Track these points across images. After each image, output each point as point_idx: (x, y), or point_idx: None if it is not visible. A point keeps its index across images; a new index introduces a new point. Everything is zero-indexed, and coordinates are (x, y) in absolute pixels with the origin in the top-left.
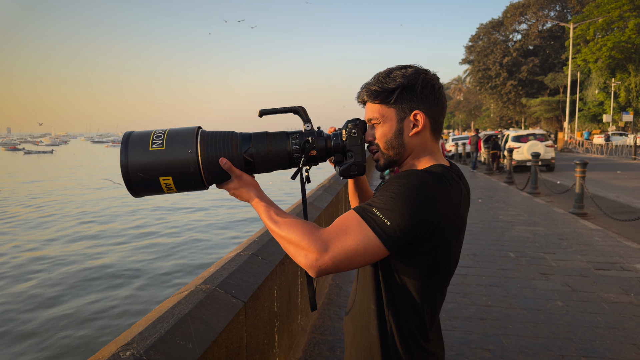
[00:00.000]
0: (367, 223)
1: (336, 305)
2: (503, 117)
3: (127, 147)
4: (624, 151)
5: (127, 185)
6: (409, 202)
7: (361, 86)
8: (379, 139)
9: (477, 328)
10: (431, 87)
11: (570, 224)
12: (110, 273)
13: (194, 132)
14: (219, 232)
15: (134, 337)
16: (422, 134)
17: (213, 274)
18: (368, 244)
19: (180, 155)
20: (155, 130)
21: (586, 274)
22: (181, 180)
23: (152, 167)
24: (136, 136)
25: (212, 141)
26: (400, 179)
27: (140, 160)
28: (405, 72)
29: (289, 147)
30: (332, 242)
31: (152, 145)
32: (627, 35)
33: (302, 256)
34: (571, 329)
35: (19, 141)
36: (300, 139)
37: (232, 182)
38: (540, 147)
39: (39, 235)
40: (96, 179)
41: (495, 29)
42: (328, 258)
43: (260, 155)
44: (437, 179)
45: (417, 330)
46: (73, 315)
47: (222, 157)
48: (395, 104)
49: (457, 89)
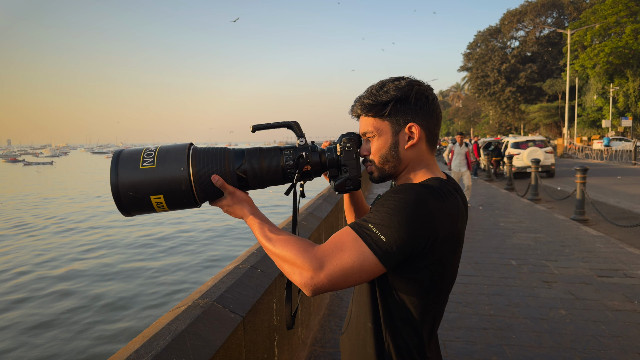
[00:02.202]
0: (363, 239)
1: (337, 317)
2: (502, 124)
3: (117, 166)
4: (624, 156)
5: (117, 205)
6: (406, 217)
7: (355, 99)
8: (374, 153)
9: (480, 338)
10: (425, 98)
11: (571, 230)
12: (106, 287)
13: (185, 149)
14: (217, 242)
15: (129, 355)
16: (417, 146)
17: (211, 287)
18: (364, 261)
19: (171, 173)
20: (146, 147)
21: (589, 281)
22: (173, 198)
23: (143, 186)
24: (126, 154)
25: (204, 158)
26: (397, 193)
27: (130, 178)
28: (398, 84)
29: (283, 162)
30: (328, 260)
31: (142, 163)
32: (624, 41)
33: (297, 274)
34: (575, 338)
35: (19, 152)
36: (293, 154)
37: (225, 199)
38: (540, 154)
39: (29, 247)
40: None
41: (493, 36)
42: (324, 276)
43: (253, 171)
44: (434, 193)
45: (414, 349)
46: (66, 332)
47: (215, 174)
48: (389, 117)
49: (455, 96)
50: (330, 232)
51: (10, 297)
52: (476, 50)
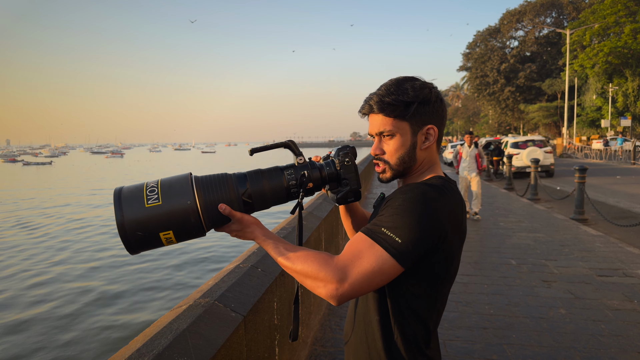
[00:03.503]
0: (379, 244)
1: (337, 316)
2: (501, 124)
3: (122, 206)
4: (623, 156)
5: (125, 245)
6: (416, 216)
7: (368, 98)
8: (392, 153)
9: (479, 337)
10: (441, 101)
11: (571, 230)
12: (106, 287)
13: (187, 180)
14: (217, 243)
15: (131, 354)
16: (431, 147)
17: (212, 287)
18: (383, 264)
19: (179, 207)
20: (146, 182)
21: (588, 280)
22: (182, 231)
23: (152, 224)
24: (128, 192)
25: (208, 187)
26: (403, 194)
27: (137, 218)
28: (415, 84)
29: (286, 182)
30: (349, 269)
31: (147, 201)
32: (623, 41)
33: (322, 288)
34: (575, 337)
35: (18, 152)
36: (295, 173)
37: (233, 224)
38: (539, 153)
39: (28, 248)
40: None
41: (492, 36)
42: (348, 285)
43: (258, 194)
44: (438, 190)
45: (421, 339)
46: (67, 332)
47: (221, 203)
48: (410, 118)
49: (455, 96)
50: (330, 232)
51: (8, 294)
52: (475, 50)
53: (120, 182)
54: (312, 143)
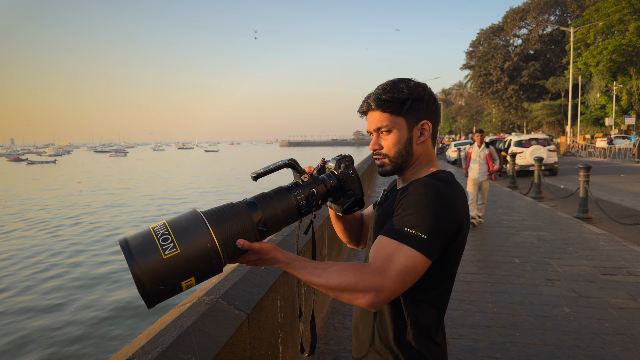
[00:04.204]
0: (407, 244)
1: (340, 314)
2: (505, 122)
3: (136, 261)
4: (627, 154)
5: (146, 301)
6: (435, 211)
7: (366, 97)
8: (390, 147)
9: (483, 336)
10: (434, 100)
11: (575, 228)
12: (109, 284)
13: (199, 218)
14: None
15: (135, 352)
16: (426, 142)
17: (215, 285)
18: (415, 262)
19: (199, 251)
20: (153, 228)
21: (592, 279)
22: (203, 274)
23: (173, 276)
24: (138, 244)
25: (223, 223)
26: (416, 191)
27: (158, 273)
28: (409, 84)
29: (295, 202)
30: (384, 275)
31: (164, 251)
32: (627, 39)
33: (361, 298)
34: (579, 336)
35: (23, 151)
36: (303, 191)
37: (251, 255)
38: (543, 152)
39: (31, 242)
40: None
41: (495, 34)
42: (386, 291)
43: (272, 220)
44: (448, 184)
45: (433, 326)
46: (71, 329)
47: (239, 239)
48: (405, 114)
49: (458, 95)
50: (333, 231)
51: (9, 292)
52: (479, 49)
53: (130, 180)
54: (315, 142)
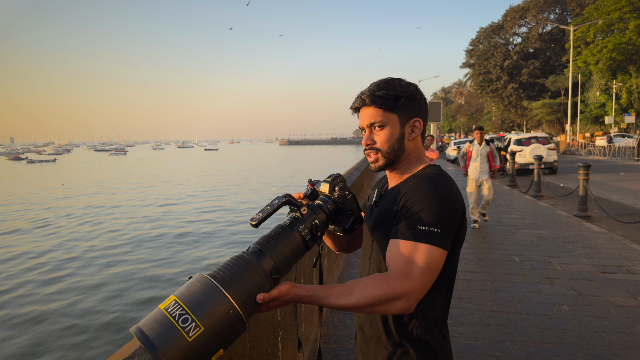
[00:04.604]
0: (423, 241)
1: (340, 313)
2: (505, 120)
3: (160, 351)
4: (627, 153)
5: None
6: (440, 203)
7: (360, 94)
8: (383, 142)
9: (482, 334)
10: (424, 99)
11: (574, 227)
12: (110, 281)
13: (212, 286)
14: (218, 237)
15: (135, 350)
16: (417, 139)
17: None
18: (435, 257)
19: (223, 323)
20: (166, 308)
21: (592, 277)
22: (230, 342)
23: (203, 355)
24: (155, 332)
25: (236, 283)
26: (417, 187)
27: (187, 357)
28: (402, 82)
29: (300, 237)
30: (410, 278)
31: (188, 333)
32: (627, 37)
33: (394, 306)
34: (578, 334)
35: (22, 150)
36: (305, 224)
37: (272, 302)
38: (542, 150)
39: (40, 239)
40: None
41: (495, 32)
42: (416, 292)
43: (283, 264)
44: (442, 176)
45: (439, 317)
46: (72, 326)
47: (258, 295)
48: (398, 111)
49: (458, 93)
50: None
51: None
52: (478, 47)
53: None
54: (315, 140)
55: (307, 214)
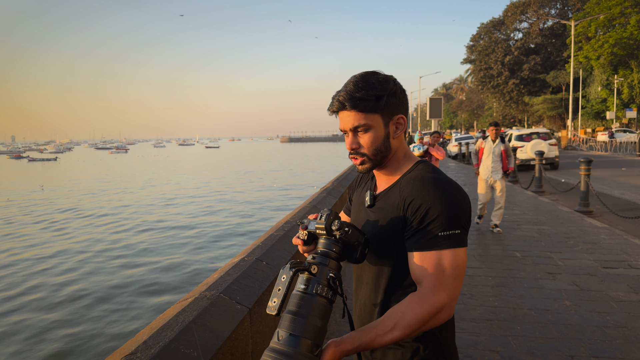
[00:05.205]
0: (447, 247)
1: (340, 308)
2: (506, 116)
3: None
4: (628, 148)
5: None
6: (452, 204)
7: (336, 95)
8: (369, 146)
9: (484, 329)
10: (404, 92)
11: (576, 222)
12: (113, 279)
13: None
14: (222, 237)
15: (138, 347)
16: (401, 135)
17: (217, 280)
18: (461, 258)
19: None
20: None
21: (593, 272)
22: None
23: None
24: None
25: None
26: (423, 191)
27: None
28: (379, 78)
29: (323, 299)
30: (444, 288)
31: None
32: (628, 32)
33: (439, 319)
34: (580, 329)
35: (24, 149)
36: (321, 282)
37: None
38: (543, 146)
39: (39, 237)
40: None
41: (496, 28)
42: (453, 297)
43: (320, 336)
44: (438, 172)
45: None
46: (74, 324)
47: None
48: (381, 111)
49: (459, 89)
50: None
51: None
52: (479, 43)
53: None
54: (316, 137)
55: (318, 270)
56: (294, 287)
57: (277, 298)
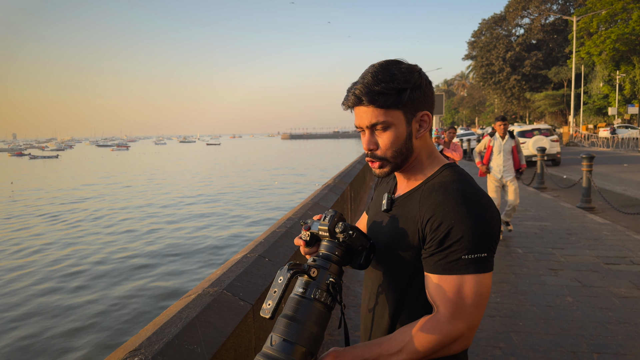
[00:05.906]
0: (471, 272)
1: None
2: (507, 112)
3: None
4: (630, 144)
5: None
6: (479, 223)
7: (352, 87)
8: (388, 146)
9: (486, 325)
10: (430, 85)
11: (578, 218)
12: (117, 277)
13: None
14: (225, 233)
15: (141, 343)
16: (425, 134)
17: (220, 276)
18: (485, 285)
19: None
20: None
21: (595, 268)
22: None
23: None
24: None
25: None
26: (447, 209)
27: None
28: (402, 69)
29: (323, 306)
30: (463, 316)
31: None
32: (631, 27)
33: (452, 349)
34: (582, 325)
35: (25, 146)
36: (323, 289)
37: None
38: (545, 142)
39: (43, 233)
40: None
41: (497, 24)
42: (472, 327)
43: (315, 344)
44: (468, 183)
45: None
46: (79, 321)
47: None
48: (403, 106)
49: (460, 85)
50: None
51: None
52: (481, 39)
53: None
54: (317, 134)
55: (318, 274)
56: (291, 290)
57: (272, 300)
